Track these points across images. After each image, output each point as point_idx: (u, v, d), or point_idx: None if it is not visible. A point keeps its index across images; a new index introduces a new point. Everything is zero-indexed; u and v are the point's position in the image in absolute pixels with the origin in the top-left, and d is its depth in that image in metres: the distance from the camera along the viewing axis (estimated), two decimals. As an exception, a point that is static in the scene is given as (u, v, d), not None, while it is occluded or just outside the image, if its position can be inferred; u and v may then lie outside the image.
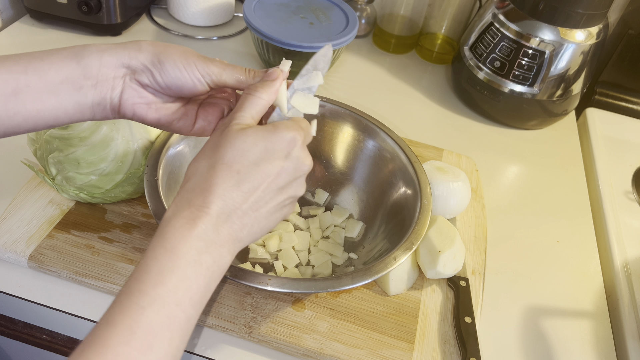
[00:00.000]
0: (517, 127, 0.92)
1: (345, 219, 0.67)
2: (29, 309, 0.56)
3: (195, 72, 0.43)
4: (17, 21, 0.95)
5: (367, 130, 0.67)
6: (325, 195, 0.69)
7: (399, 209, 0.62)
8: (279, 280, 0.49)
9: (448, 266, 0.59)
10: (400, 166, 0.64)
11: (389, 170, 0.65)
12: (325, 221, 0.66)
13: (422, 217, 0.57)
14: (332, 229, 0.65)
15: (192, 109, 0.47)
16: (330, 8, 0.93)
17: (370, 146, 0.67)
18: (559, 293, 0.66)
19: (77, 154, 0.55)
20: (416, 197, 0.60)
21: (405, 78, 0.99)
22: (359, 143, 0.68)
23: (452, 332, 0.57)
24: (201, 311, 0.37)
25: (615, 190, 0.81)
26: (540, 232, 0.74)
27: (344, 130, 0.69)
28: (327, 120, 0.69)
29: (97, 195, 0.59)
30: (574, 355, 0.59)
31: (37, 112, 0.41)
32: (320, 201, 0.69)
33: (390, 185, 0.65)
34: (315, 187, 0.70)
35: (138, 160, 0.58)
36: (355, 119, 0.68)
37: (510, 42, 0.82)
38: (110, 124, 0.56)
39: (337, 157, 0.70)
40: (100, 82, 0.42)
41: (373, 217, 0.66)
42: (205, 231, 0.37)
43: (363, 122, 0.68)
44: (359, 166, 0.68)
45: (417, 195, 0.60)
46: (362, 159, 0.68)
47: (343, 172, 0.69)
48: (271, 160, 0.40)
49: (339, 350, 0.53)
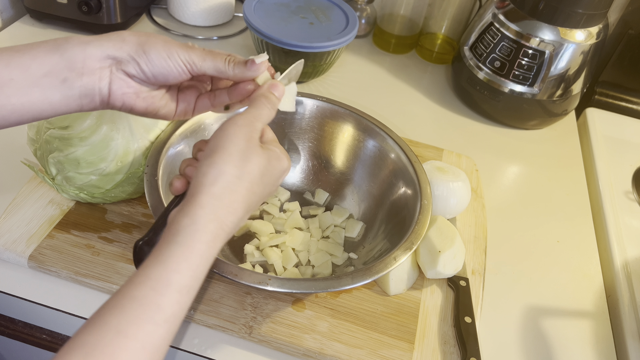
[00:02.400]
0: (517, 127, 0.92)
1: (345, 219, 0.67)
2: (29, 309, 0.56)
3: (179, 60, 0.44)
4: (17, 21, 0.95)
5: (367, 130, 0.67)
6: (325, 195, 0.69)
7: (399, 209, 0.62)
8: (279, 281, 0.49)
9: (448, 266, 0.59)
10: (400, 166, 0.64)
11: (389, 170, 0.65)
12: (325, 221, 0.66)
13: (422, 217, 0.57)
14: (332, 229, 0.65)
15: (173, 94, 0.49)
16: (330, 8, 0.93)
17: (370, 146, 0.67)
18: (559, 293, 0.66)
19: (77, 154, 0.55)
20: (416, 197, 0.60)
21: (405, 78, 0.99)
22: (359, 143, 0.68)
23: (452, 332, 0.57)
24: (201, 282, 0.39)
25: (615, 190, 0.81)
26: (540, 232, 0.74)
27: (344, 130, 0.69)
28: (327, 120, 0.69)
29: (97, 195, 0.59)
30: (574, 355, 0.59)
31: (22, 105, 0.41)
32: (320, 201, 0.69)
33: (390, 185, 0.65)
34: (316, 187, 0.70)
35: (138, 160, 0.58)
36: (355, 119, 0.68)
37: (510, 42, 0.82)
38: (110, 123, 0.56)
39: (337, 157, 0.70)
40: (86, 73, 0.42)
41: (373, 217, 0.65)
42: (208, 203, 0.40)
43: (363, 122, 0.68)
44: (359, 166, 0.68)
45: (417, 195, 0.60)
46: (362, 159, 0.68)
47: (343, 172, 0.69)
48: (274, 182, 0.45)
49: (339, 350, 0.53)
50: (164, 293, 0.36)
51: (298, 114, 0.69)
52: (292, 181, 0.71)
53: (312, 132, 0.70)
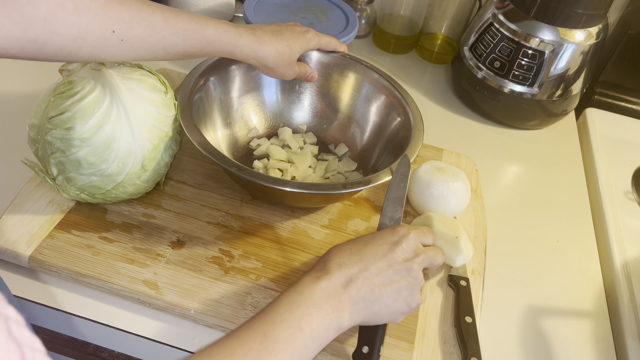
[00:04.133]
0: (517, 127, 0.92)
1: (350, 170, 0.73)
2: (29, 309, 0.56)
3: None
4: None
5: (363, 72, 0.74)
6: (344, 149, 0.76)
7: (395, 135, 0.69)
8: (294, 183, 0.55)
9: (469, 247, 0.59)
10: (393, 101, 0.71)
11: (384, 105, 0.72)
12: (331, 166, 0.73)
13: (416, 139, 0.63)
14: (334, 174, 0.72)
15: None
16: (330, 8, 0.93)
17: (367, 87, 0.74)
18: (559, 293, 0.66)
19: (79, 154, 0.55)
20: (409, 125, 0.66)
21: (405, 78, 0.99)
22: (359, 86, 0.75)
23: (453, 331, 0.57)
24: (320, 349, 0.44)
25: (615, 190, 0.81)
26: (540, 232, 0.74)
27: (347, 77, 0.75)
28: (331, 72, 0.76)
29: (97, 195, 0.59)
30: (574, 355, 0.60)
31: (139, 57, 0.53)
32: (339, 153, 0.76)
33: (387, 117, 0.72)
34: (338, 142, 0.77)
35: (139, 161, 0.58)
36: (354, 66, 0.74)
37: (510, 42, 0.82)
38: (112, 124, 0.56)
39: (342, 100, 0.77)
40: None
41: (371, 151, 0.73)
42: (326, 286, 0.45)
43: (359, 67, 0.74)
44: (359, 104, 0.75)
45: (410, 122, 0.66)
46: (360, 99, 0.75)
47: (348, 115, 0.76)
48: (378, 243, 0.49)
49: (339, 350, 0.53)
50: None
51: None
52: (311, 123, 0.79)
53: (324, 81, 0.77)
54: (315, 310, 0.44)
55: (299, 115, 0.78)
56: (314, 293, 0.44)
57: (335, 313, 0.44)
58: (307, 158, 0.72)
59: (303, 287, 0.45)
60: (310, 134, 0.77)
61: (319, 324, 0.43)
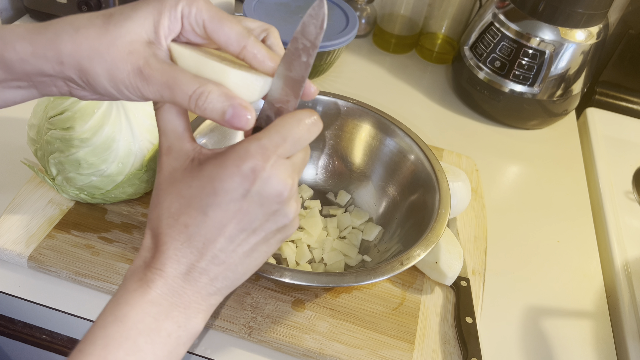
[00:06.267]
0: (517, 127, 0.92)
1: (364, 221, 0.66)
2: (28, 309, 0.56)
3: (126, 92, 0.35)
4: (17, 21, 0.95)
5: (386, 129, 0.67)
6: (347, 197, 0.69)
7: (416, 212, 0.61)
8: (284, 271, 0.49)
9: (454, 265, 0.59)
10: (420, 169, 0.63)
11: (409, 172, 0.64)
12: (343, 222, 0.66)
13: (437, 224, 0.55)
14: (349, 230, 0.65)
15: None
16: (330, 8, 0.93)
17: (390, 146, 0.67)
18: (560, 293, 0.66)
19: (79, 155, 0.55)
20: (434, 203, 0.58)
21: (405, 78, 0.99)
22: (379, 143, 0.67)
23: (453, 332, 0.57)
24: None
25: (616, 190, 0.81)
26: (540, 232, 0.73)
27: (363, 128, 0.68)
28: (347, 119, 0.68)
29: (97, 195, 0.59)
30: (574, 355, 0.59)
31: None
32: (342, 202, 0.69)
33: (409, 188, 0.64)
34: (336, 185, 0.70)
35: (139, 162, 0.58)
36: (375, 118, 0.67)
37: (511, 42, 0.82)
38: (111, 125, 0.56)
39: (356, 155, 0.69)
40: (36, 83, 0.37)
41: (391, 219, 0.65)
42: (162, 295, 0.33)
43: (382, 121, 0.67)
44: (378, 165, 0.68)
45: (435, 201, 0.58)
46: (381, 158, 0.67)
47: (363, 171, 0.69)
48: (222, 205, 0.33)
49: (339, 351, 0.53)
50: None
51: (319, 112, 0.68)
52: (315, 179, 0.71)
53: (331, 131, 0.70)
54: (147, 340, 0.32)
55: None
56: (144, 314, 0.32)
57: (183, 325, 0.33)
58: (318, 220, 0.64)
59: (127, 307, 0.32)
60: (304, 186, 0.70)
61: (157, 357, 0.32)
